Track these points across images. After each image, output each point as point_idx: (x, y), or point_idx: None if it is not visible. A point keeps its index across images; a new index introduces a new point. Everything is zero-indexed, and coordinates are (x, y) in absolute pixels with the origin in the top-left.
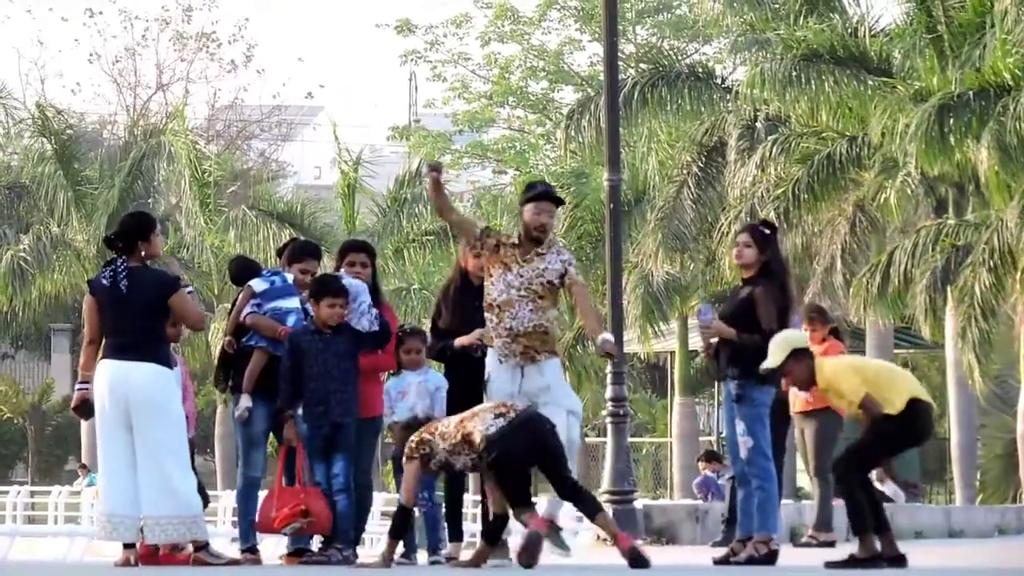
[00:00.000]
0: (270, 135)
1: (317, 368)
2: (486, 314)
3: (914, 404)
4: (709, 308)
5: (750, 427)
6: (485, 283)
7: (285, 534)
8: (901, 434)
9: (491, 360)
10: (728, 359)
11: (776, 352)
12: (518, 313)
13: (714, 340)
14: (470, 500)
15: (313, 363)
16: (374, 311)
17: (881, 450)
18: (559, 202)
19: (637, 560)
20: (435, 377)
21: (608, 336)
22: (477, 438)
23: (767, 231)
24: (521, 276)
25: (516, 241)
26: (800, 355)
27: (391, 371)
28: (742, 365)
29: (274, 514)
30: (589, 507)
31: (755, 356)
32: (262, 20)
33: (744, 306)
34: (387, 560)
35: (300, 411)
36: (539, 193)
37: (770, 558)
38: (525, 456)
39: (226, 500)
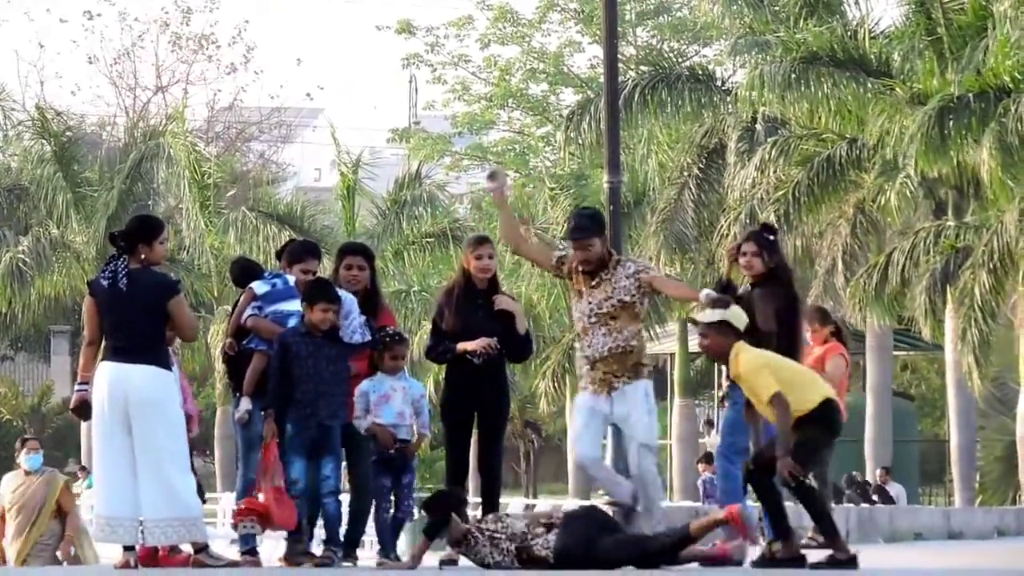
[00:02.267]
0: (270, 137)
1: (307, 370)
2: (576, 344)
3: (828, 403)
4: None
5: (724, 427)
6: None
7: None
8: (821, 434)
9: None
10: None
11: (709, 312)
12: (592, 340)
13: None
14: (472, 502)
15: (303, 365)
16: (363, 318)
17: (807, 453)
18: (594, 227)
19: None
20: (417, 385)
21: (709, 291)
22: (542, 553)
23: (771, 237)
24: (591, 303)
25: (582, 269)
26: (727, 329)
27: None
28: None
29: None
30: (674, 552)
31: None
32: (262, 21)
33: (747, 310)
34: (415, 559)
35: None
36: (569, 233)
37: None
38: (591, 535)
39: (226, 502)
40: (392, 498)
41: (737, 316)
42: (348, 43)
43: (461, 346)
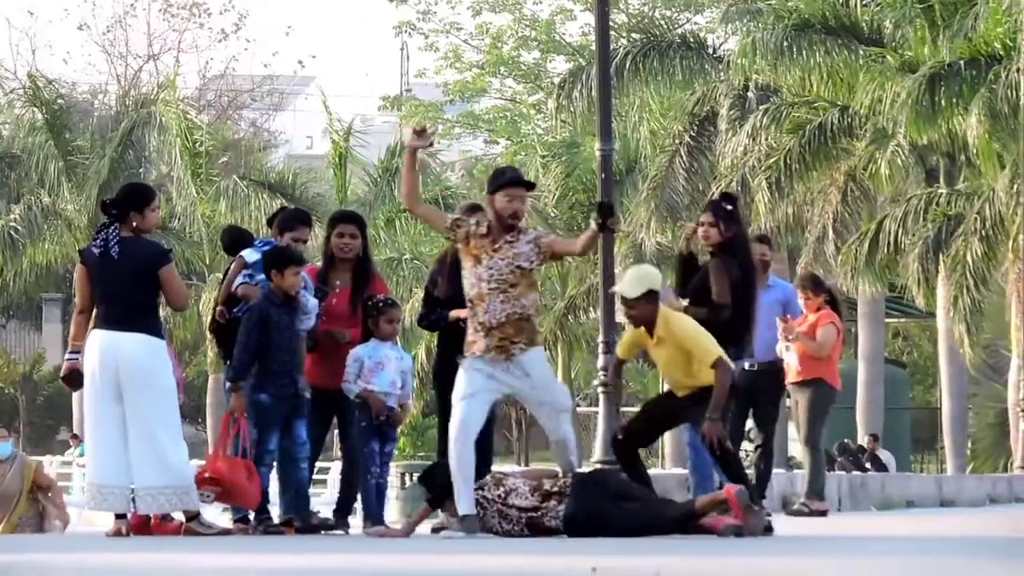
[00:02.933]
0: (261, 105)
1: (285, 341)
2: (468, 307)
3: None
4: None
5: None
6: (462, 276)
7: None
8: (731, 397)
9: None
10: None
11: (636, 284)
12: (489, 307)
13: None
14: None
15: (282, 336)
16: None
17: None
18: (531, 186)
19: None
20: (407, 356)
21: (584, 243)
22: (552, 524)
23: (730, 207)
24: (491, 268)
25: (485, 231)
26: (653, 297)
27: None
28: None
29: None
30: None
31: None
32: None
33: (704, 279)
34: (412, 526)
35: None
36: (510, 179)
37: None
38: (601, 504)
39: None
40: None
41: (656, 279)
42: (340, 11)
43: (454, 314)
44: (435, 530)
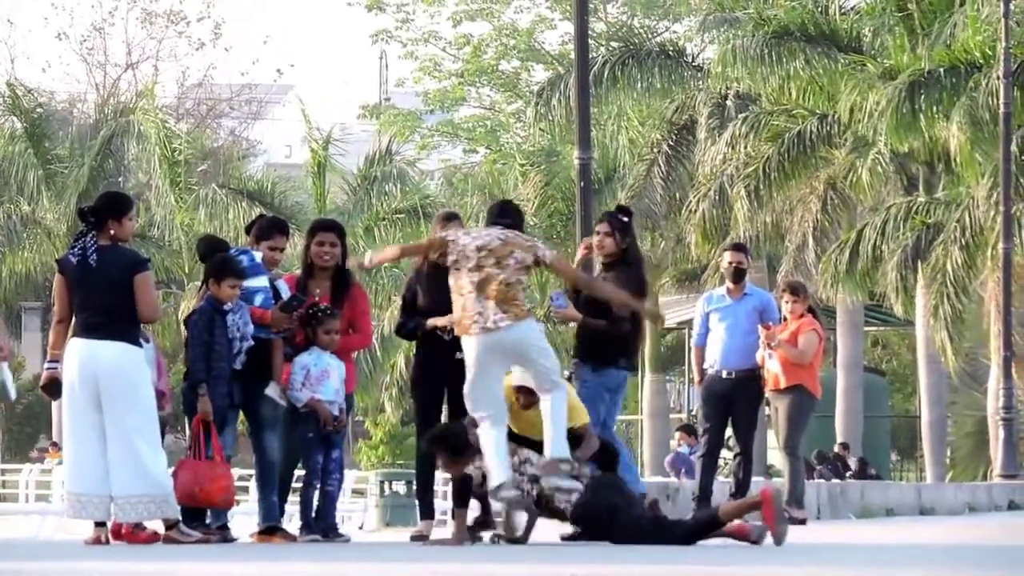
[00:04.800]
0: (240, 113)
1: (225, 347)
2: (471, 293)
3: None
4: (561, 295)
5: None
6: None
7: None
8: None
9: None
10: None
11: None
12: None
13: (571, 324)
14: (440, 478)
15: (222, 342)
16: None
17: None
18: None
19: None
20: (342, 364)
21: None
22: (562, 506)
23: (625, 219)
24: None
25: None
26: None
27: (299, 344)
28: (582, 348)
29: (207, 487)
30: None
31: (596, 339)
32: None
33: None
34: (460, 535)
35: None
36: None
37: None
38: (615, 503)
39: None
40: (320, 473)
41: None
42: (318, 19)
43: (431, 322)
44: (414, 538)
